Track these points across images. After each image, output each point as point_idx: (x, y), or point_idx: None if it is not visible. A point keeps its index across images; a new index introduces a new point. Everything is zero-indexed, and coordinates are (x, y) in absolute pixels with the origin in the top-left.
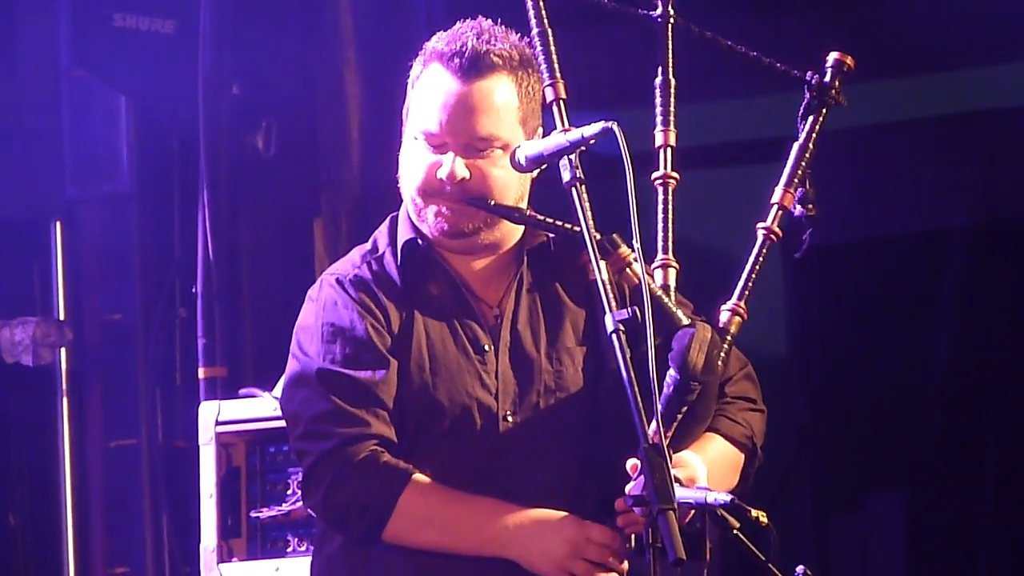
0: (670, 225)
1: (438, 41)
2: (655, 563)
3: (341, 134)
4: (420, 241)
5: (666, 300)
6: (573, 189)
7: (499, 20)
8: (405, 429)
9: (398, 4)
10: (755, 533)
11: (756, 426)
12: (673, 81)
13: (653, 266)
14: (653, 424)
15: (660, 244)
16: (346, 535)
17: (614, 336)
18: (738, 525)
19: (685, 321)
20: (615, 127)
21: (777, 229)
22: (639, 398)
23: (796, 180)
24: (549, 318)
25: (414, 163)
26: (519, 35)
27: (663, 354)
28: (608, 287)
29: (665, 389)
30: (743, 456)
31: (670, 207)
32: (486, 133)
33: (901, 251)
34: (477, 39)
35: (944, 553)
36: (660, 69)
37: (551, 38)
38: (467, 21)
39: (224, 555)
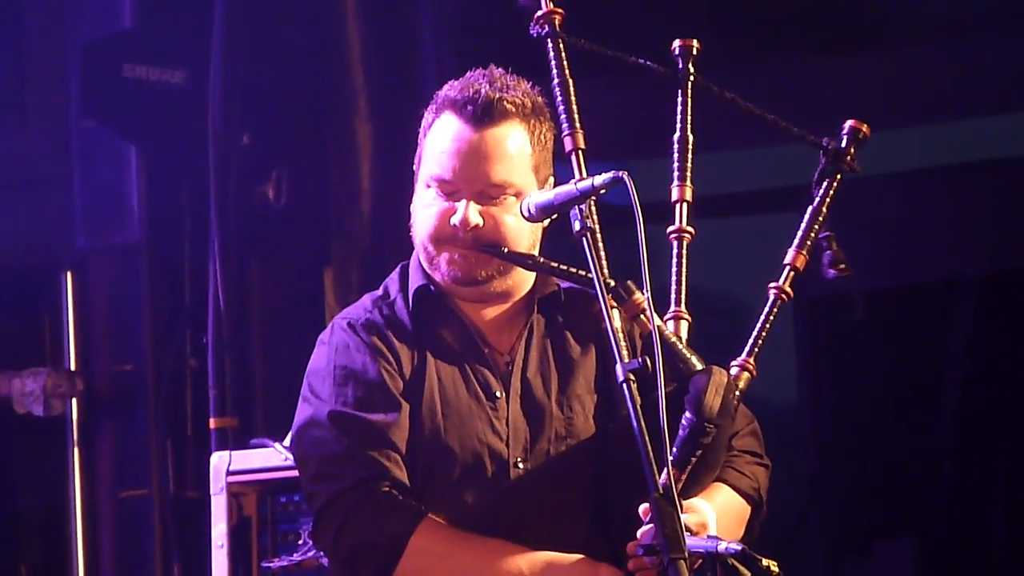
0: (683, 279)
1: (450, 89)
2: None
3: (351, 184)
4: (432, 288)
5: (680, 346)
6: (584, 238)
7: (509, 69)
8: (415, 473)
9: (408, 54)
10: None
11: (762, 479)
12: (691, 138)
13: (666, 318)
14: (664, 472)
15: (673, 297)
16: None
17: (624, 385)
18: (749, 575)
19: (699, 366)
20: (626, 176)
21: (788, 289)
22: (650, 446)
23: (809, 242)
24: (560, 365)
25: (427, 210)
26: (530, 83)
27: (677, 400)
28: (619, 335)
29: (680, 431)
30: (750, 508)
31: (683, 261)
32: (500, 180)
33: (911, 301)
34: (490, 86)
35: None
36: (679, 126)
37: (572, 88)
38: (478, 69)
39: None
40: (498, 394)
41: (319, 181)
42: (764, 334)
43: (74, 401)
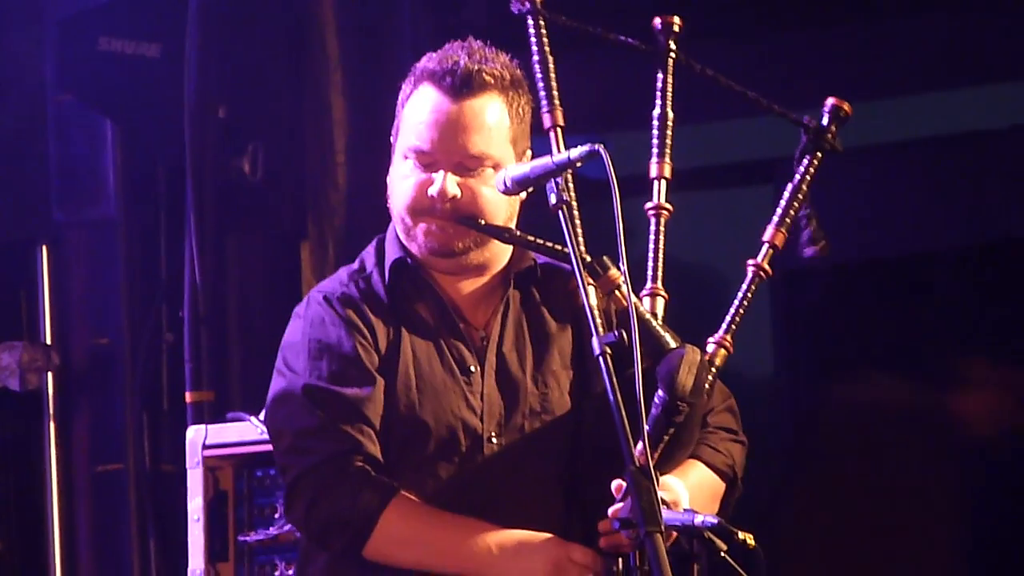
0: (660, 255)
1: (428, 61)
2: None
3: (327, 158)
4: (409, 261)
5: (655, 323)
6: (560, 212)
7: (487, 43)
8: (389, 448)
9: (385, 28)
10: (743, 555)
11: (737, 457)
12: (671, 114)
13: (642, 295)
14: (639, 446)
15: (650, 273)
16: (327, 550)
17: (601, 359)
18: (725, 548)
19: (673, 344)
20: (602, 149)
21: (767, 267)
22: (626, 421)
23: (788, 220)
24: (535, 341)
25: (404, 181)
26: (508, 56)
27: (651, 376)
28: (595, 311)
29: (653, 410)
30: (724, 485)
31: (661, 237)
32: (478, 151)
33: (889, 273)
34: (469, 58)
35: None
36: (659, 103)
37: (551, 65)
38: (456, 42)
39: None
40: (473, 369)
41: (295, 155)
42: (742, 311)
43: (50, 375)
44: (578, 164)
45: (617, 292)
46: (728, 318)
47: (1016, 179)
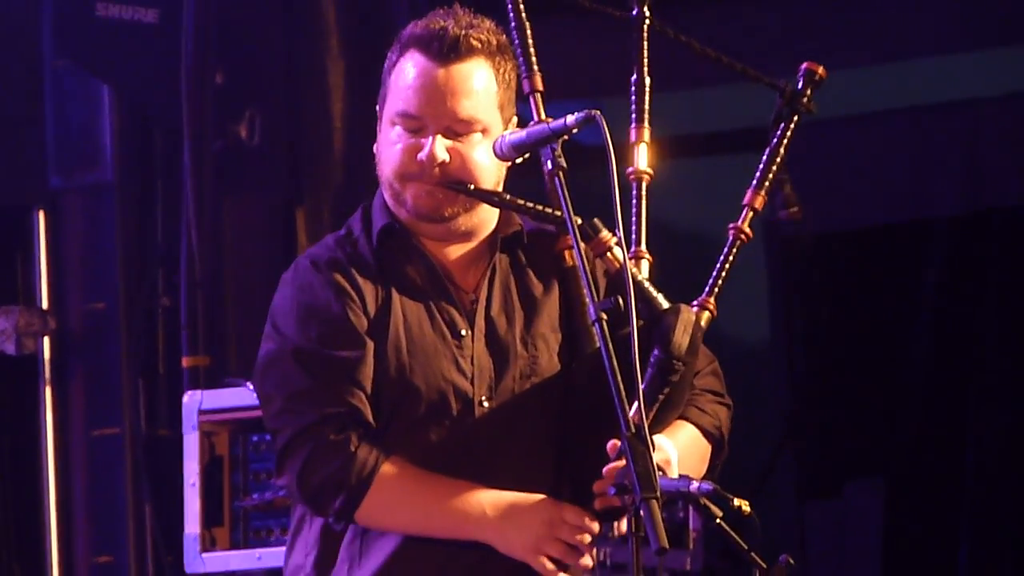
0: (643, 219)
1: (414, 27)
2: (638, 552)
3: (324, 124)
4: (396, 226)
5: (646, 285)
6: (555, 178)
7: (472, 10)
8: (380, 412)
9: None
10: (738, 521)
11: (724, 419)
12: (648, 80)
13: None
14: (634, 411)
15: (634, 237)
16: (319, 514)
17: (596, 325)
18: (721, 514)
19: (666, 304)
20: (598, 115)
21: (748, 229)
22: (621, 385)
23: (767, 183)
24: (524, 304)
25: (392, 147)
26: (495, 23)
27: (644, 338)
28: (589, 273)
29: (648, 369)
30: (711, 446)
31: (643, 202)
32: (466, 116)
33: (884, 240)
34: (455, 24)
35: (922, 541)
36: (635, 69)
37: (528, 31)
38: (441, 9)
39: (207, 544)
40: (463, 332)
41: (292, 120)
42: (724, 274)
43: (46, 339)
44: (574, 130)
45: (608, 254)
46: (711, 281)
47: (1011, 146)
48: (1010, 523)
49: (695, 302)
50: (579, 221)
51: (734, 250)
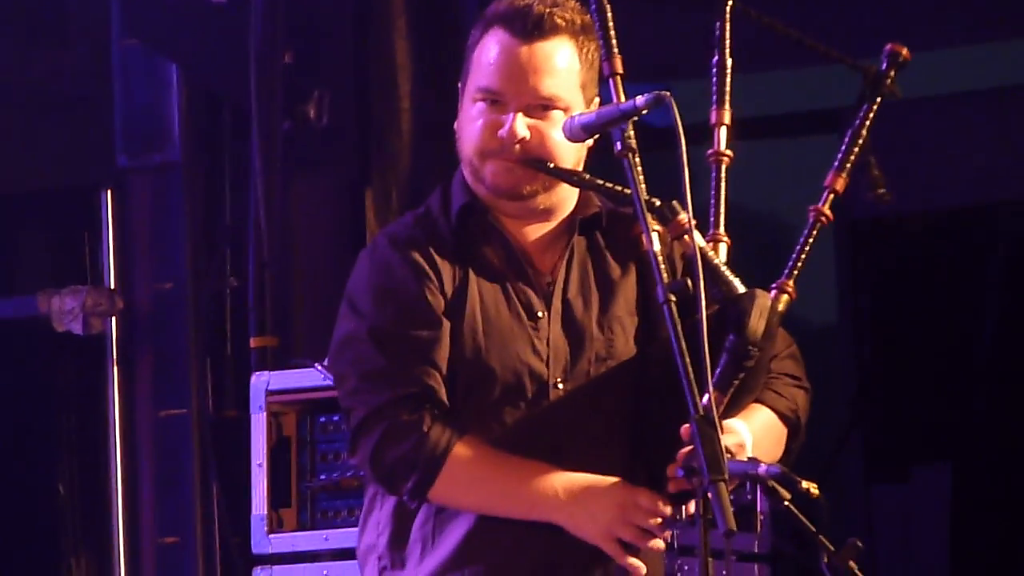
0: (722, 202)
1: (499, 5)
2: (706, 534)
3: (392, 104)
4: (476, 205)
5: (723, 268)
6: (625, 159)
7: None
8: (455, 392)
9: None
10: (806, 504)
11: (801, 402)
12: (730, 62)
13: (704, 240)
14: (705, 394)
15: (712, 220)
16: (392, 493)
17: (665, 307)
18: (789, 497)
19: (741, 288)
20: (668, 96)
21: (828, 212)
22: (690, 368)
23: (849, 165)
24: (601, 287)
25: (473, 123)
26: (579, 2)
27: (718, 322)
28: (659, 257)
29: (723, 355)
30: (787, 430)
31: (722, 184)
32: (548, 94)
33: (952, 224)
34: (539, 2)
35: (990, 525)
36: (717, 51)
37: (608, 12)
38: None
39: (274, 525)
40: (540, 314)
41: (360, 101)
42: (804, 256)
43: (113, 320)
44: (644, 111)
45: (686, 237)
46: (790, 263)
47: None
48: None
49: (774, 285)
50: (657, 203)
51: (814, 232)
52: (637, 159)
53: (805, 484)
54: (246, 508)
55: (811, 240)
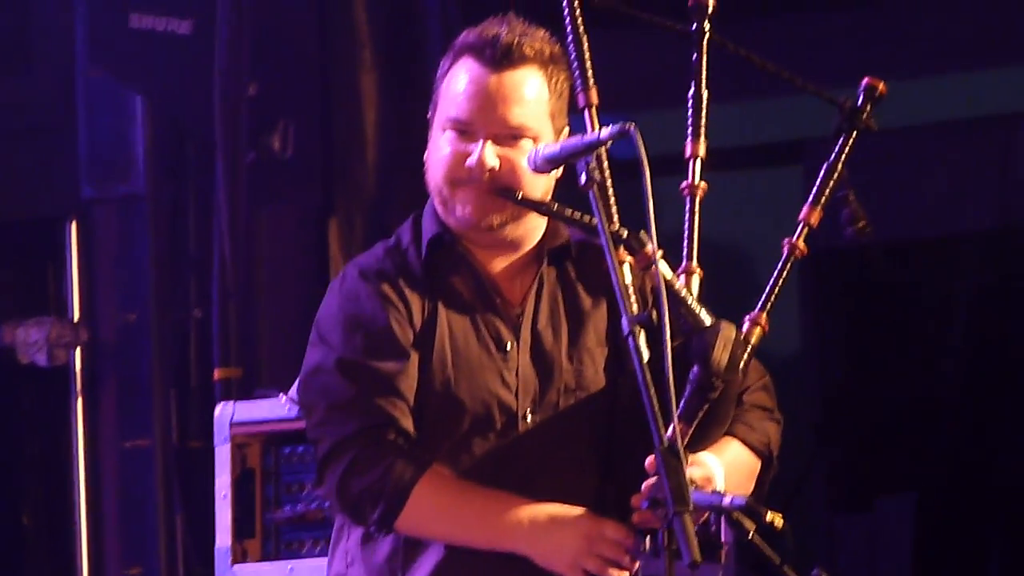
0: (695, 233)
1: (468, 35)
2: (671, 565)
3: (356, 135)
4: (445, 237)
5: (690, 300)
6: (590, 191)
7: (530, 21)
8: (424, 424)
9: (413, 6)
10: (770, 535)
11: (773, 435)
12: (705, 95)
13: (677, 272)
14: (670, 427)
15: (685, 252)
16: (359, 523)
17: (629, 338)
18: (753, 528)
19: (708, 320)
20: (632, 128)
21: (803, 245)
22: (655, 400)
23: (823, 199)
24: (570, 317)
25: (442, 152)
26: (549, 33)
27: (685, 353)
28: (627, 288)
29: (688, 386)
30: (759, 462)
31: (696, 216)
32: (517, 123)
33: (917, 255)
34: (508, 31)
35: (953, 557)
36: (694, 83)
37: (585, 44)
38: (495, 17)
39: (238, 556)
40: (509, 345)
41: (324, 131)
42: (777, 290)
43: (78, 351)
44: (608, 143)
45: (654, 268)
46: (764, 297)
47: None
48: None
49: (748, 317)
50: (624, 234)
51: (788, 266)
52: (608, 190)
53: (770, 516)
54: (210, 539)
55: (784, 274)
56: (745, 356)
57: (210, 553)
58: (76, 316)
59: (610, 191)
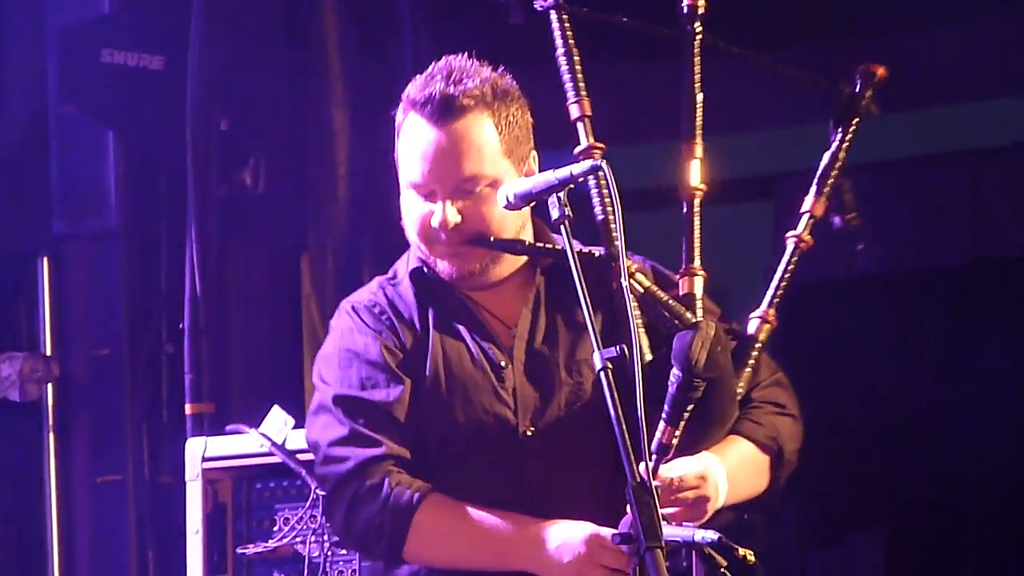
0: (695, 236)
1: (412, 87)
2: None
3: (328, 170)
4: (426, 270)
5: (672, 303)
6: (562, 226)
7: (485, 51)
8: (425, 447)
9: (386, 41)
10: (742, 570)
11: (783, 429)
12: (699, 96)
13: (680, 274)
14: (641, 463)
15: (685, 254)
16: (369, 557)
17: (602, 374)
18: (725, 563)
19: (692, 320)
20: (604, 165)
21: (807, 237)
22: (627, 435)
23: (826, 188)
24: (568, 330)
25: (410, 213)
26: (494, 68)
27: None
28: (593, 321)
29: (669, 389)
30: (767, 458)
31: (695, 219)
32: (470, 174)
33: (887, 289)
34: (446, 83)
35: None
36: (686, 84)
37: (576, 57)
38: (439, 63)
39: None
40: (503, 364)
41: (296, 167)
42: (784, 284)
43: (50, 386)
44: (579, 179)
45: (632, 280)
46: (771, 291)
47: (1016, 197)
48: (1013, 573)
49: (755, 314)
50: (599, 253)
51: (794, 259)
52: (611, 215)
53: (742, 551)
54: (182, 575)
55: (791, 267)
56: (754, 354)
57: None
58: (48, 351)
59: (611, 219)
